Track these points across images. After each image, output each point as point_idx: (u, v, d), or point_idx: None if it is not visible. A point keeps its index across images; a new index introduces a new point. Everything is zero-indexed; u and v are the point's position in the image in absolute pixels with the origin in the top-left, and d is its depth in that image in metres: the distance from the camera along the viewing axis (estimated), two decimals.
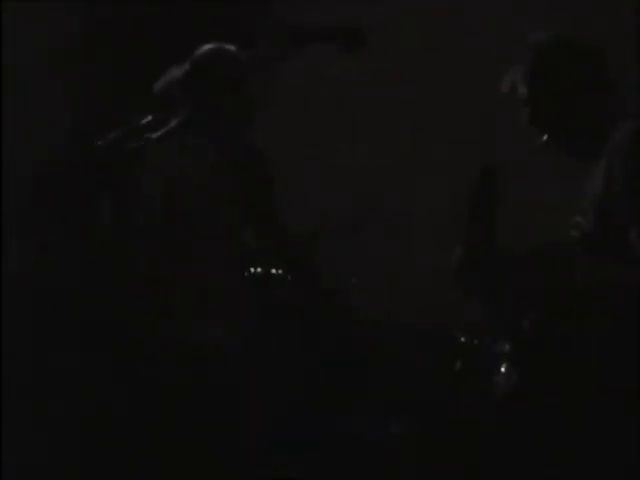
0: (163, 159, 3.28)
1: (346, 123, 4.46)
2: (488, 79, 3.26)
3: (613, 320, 2.28)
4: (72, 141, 4.23)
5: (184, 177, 3.23)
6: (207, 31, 4.30)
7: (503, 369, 2.49)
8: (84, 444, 3.28)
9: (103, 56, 4.56)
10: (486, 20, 4.44)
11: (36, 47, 4.39)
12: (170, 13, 4.57)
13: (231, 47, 3.21)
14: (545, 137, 2.53)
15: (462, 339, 2.77)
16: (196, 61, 3.30)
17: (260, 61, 2.44)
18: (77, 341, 3.44)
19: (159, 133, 3.10)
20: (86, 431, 3.28)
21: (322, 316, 3.68)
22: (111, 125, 3.41)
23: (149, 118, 3.36)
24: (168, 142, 3.20)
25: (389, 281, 4.42)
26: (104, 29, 4.58)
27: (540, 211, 4.03)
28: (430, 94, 4.47)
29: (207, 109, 3.18)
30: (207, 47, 3.28)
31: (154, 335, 3.11)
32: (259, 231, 3.32)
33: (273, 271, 3.32)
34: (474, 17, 4.49)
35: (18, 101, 4.25)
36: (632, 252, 2.24)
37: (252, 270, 3.32)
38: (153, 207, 3.31)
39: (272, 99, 4.12)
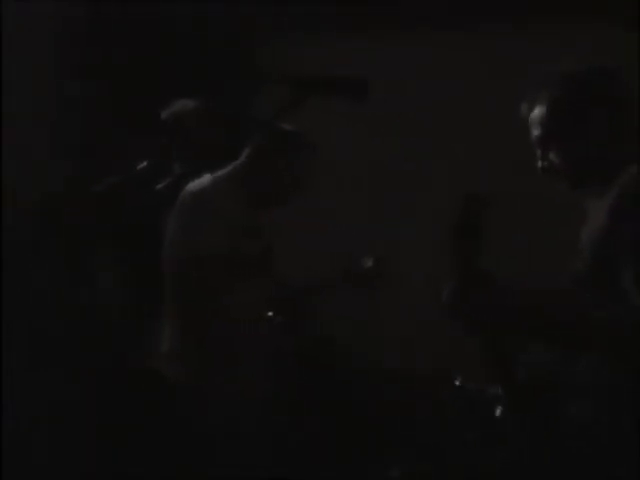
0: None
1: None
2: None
3: (606, 366, 2.24)
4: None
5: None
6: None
7: (498, 412, 2.55)
8: None
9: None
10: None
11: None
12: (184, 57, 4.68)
13: None
14: (544, 166, 2.42)
15: (457, 383, 2.76)
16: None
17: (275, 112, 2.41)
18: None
19: (164, 184, 3.16)
20: None
21: (321, 363, 3.92)
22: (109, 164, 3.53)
23: (144, 164, 3.43)
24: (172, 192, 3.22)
25: (385, 328, 4.55)
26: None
27: (539, 249, 4.16)
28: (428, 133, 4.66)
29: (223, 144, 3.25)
30: None
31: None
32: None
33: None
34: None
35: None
36: (625, 298, 2.17)
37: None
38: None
39: None
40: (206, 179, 3.35)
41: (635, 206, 2.21)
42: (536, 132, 2.42)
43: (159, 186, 3.07)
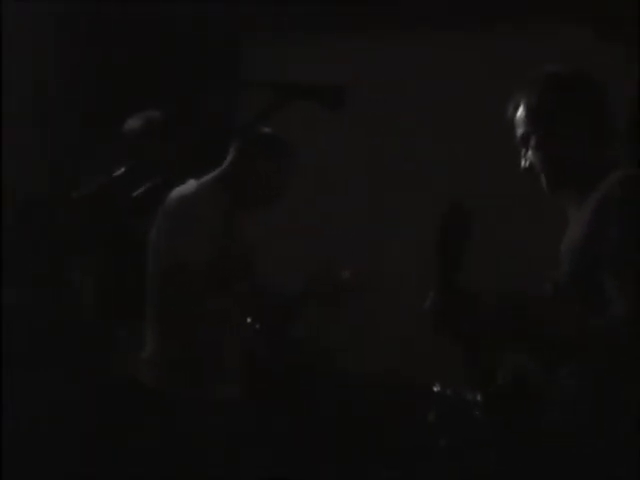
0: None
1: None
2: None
3: (585, 374, 2.24)
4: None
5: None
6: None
7: (476, 418, 2.59)
8: None
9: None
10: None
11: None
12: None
13: None
14: (526, 165, 2.41)
15: (435, 389, 2.80)
16: None
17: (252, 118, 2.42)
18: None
19: (140, 191, 3.14)
20: None
21: (301, 369, 3.93)
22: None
23: (122, 170, 3.37)
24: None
25: (363, 335, 4.57)
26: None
27: (519, 259, 4.14)
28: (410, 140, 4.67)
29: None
30: None
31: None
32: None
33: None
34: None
35: None
36: (607, 306, 2.16)
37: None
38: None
39: None
40: (190, 185, 3.35)
41: (619, 210, 2.19)
42: (519, 131, 2.43)
43: (135, 193, 3.01)
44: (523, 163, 2.43)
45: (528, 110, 2.40)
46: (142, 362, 3.34)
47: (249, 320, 3.59)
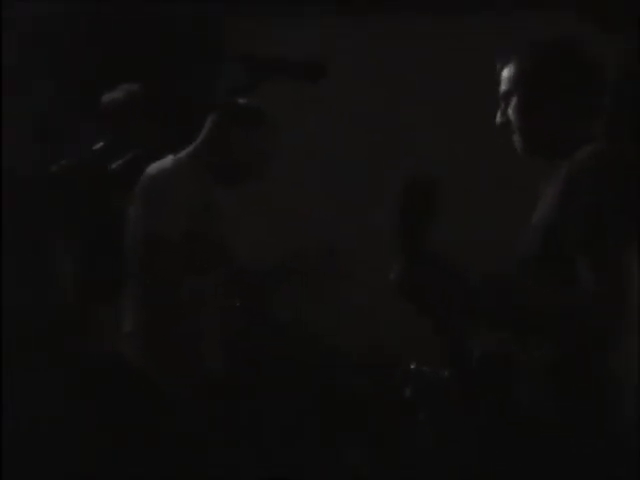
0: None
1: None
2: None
3: (556, 348, 2.23)
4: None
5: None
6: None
7: (454, 395, 2.47)
8: None
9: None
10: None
11: None
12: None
13: None
14: (502, 121, 2.42)
15: (412, 366, 2.70)
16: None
17: (230, 92, 2.40)
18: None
19: (118, 163, 3.09)
20: None
21: (273, 347, 3.92)
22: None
23: (101, 144, 3.41)
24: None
25: (338, 311, 4.59)
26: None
27: (492, 231, 4.09)
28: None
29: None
30: None
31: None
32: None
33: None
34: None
35: None
36: (577, 281, 2.15)
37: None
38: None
39: None
40: (168, 160, 3.33)
41: (591, 182, 2.17)
42: (503, 88, 2.43)
43: (113, 166, 2.96)
44: (499, 118, 2.43)
45: (516, 70, 2.40)
46: (122, 337, 3.35)
47: (229, 301, 3.57)
